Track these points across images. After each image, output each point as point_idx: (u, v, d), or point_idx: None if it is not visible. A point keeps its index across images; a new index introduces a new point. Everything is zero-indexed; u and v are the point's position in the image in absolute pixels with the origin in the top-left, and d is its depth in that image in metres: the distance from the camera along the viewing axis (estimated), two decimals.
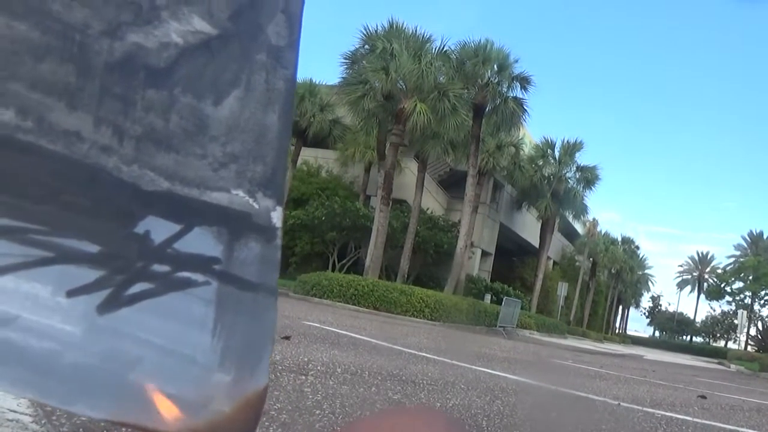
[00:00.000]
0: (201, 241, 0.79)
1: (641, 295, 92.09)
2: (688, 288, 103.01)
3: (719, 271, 77.80)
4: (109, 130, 0.76)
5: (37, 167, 0.73)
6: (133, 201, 0.76)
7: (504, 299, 29.93)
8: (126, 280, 0.74)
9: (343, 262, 34.78)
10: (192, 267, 0.78)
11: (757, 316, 61.89)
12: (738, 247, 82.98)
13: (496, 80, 30.55)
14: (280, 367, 5.06)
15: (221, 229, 0.80)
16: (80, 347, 0.72)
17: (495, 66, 30.45)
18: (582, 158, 45.08)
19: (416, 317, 23.08)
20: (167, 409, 0.72)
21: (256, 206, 0.83)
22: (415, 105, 27.20)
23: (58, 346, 0.71)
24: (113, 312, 0.73)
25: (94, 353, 0.72)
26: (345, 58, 29.57)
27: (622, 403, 6.95)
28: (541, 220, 45.85)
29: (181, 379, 0.75)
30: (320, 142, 38.30)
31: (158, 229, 0.77)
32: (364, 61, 28.98)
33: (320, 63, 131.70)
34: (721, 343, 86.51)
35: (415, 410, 0.43)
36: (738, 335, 66.74)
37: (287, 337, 7.21)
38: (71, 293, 0.72)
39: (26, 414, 2.75)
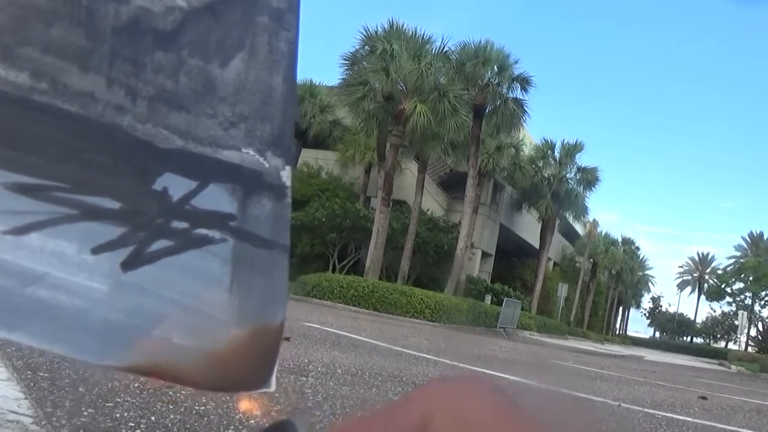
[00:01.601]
0: (216, 198, 0.81)
1: (641, 296, 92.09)
2: (689, 289, 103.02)
3: (719, 271, 77.66)
4: (122, 91, 0.77)
5: (54, 126, 0.75)
6: (149, 158, 0.78)
7: (504, 300, 29.93)
8: (147, 236, 0.76)
9: (344, 263, 34.76)
10: (209, 224, 0.80)
11: (758, 317, 61.84)
12: (738, 247, 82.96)
13: (496, 81, 30.55)
14: (280, 369, 5.05)
15: (235, 186, 0.82)
16: (107, 304, 0.73)
17: (495, 67, 30.45)
18: (582, 159, 45.12)
19: (416, 318, 23.07)
20: (189, 363, 0.75)
21: (267, 165, 0.84)
22: (415, 106, 27.19)
23: (86, 303, 0.73)
24: (136, 269, 0.74)
25: (121, 309, 0.74)
26: (345, 59, 29.59)
27: (622, 404, 6.94)
28: (541, 221, 45.84)
29: (201, 334, 0.77)
30: (320, 143, 38.32)
31: (175, 185, 0.78)
32: (364, 62, 28.99)
33: (320, 64, 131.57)
34: (722, 344, 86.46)
35: (457, 380, 0.44)
36: (738, 336, 66.83)
37: (287, 339, 7.20)
38: (96, 250, 0.74)
39: (27, 415, 2.74)
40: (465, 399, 0.39)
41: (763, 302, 59.21)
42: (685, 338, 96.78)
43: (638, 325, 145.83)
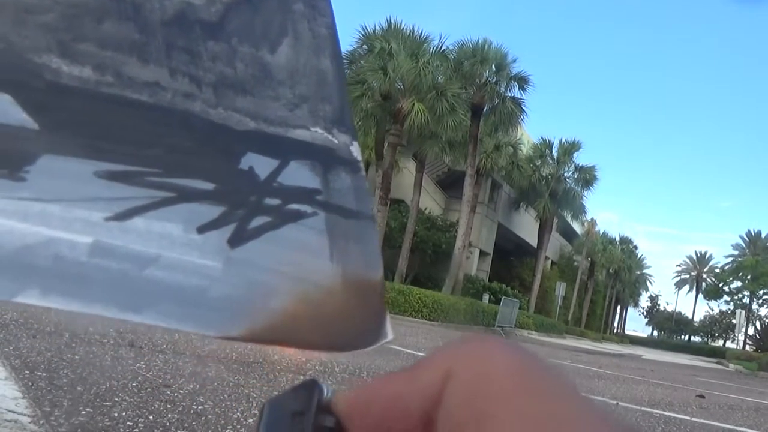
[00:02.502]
0: (300, 174, 0.83)
1: (639, 294, 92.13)
2: (687, 288, 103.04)
3: (717, 270, 77.79)
4: (185, 79, 0.80)
5: (130, 116, 0.77)
6: (228, 140, 0.81)
7: (502, 299, 29.95)
8: (246, 214, 0.79)
9: None
10: (298, 199, 0.82)
11: (756, 315, 61.95)
12: (736, 246, 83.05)
13: (494, 80, 30.55)
14: (278, 367, 5.06)
15: (314, 162, 0.84)
16: (223, 280, 0.76)
17: (493, 66, 30.45)
18: (580, 158, 45.21)
19: (414, 317, 23.07)
20: (308, 329, 0.78)
21: (336, 141, 0.86)
22: (413, 105, 27.19)
23: (204, 280, 0.75)
24: (243, 245, 0.77)
25: (237, 284, 0.76)
26: (343, 58, 29.59)
27: (620, 403, 6.95)
28: (539, 220, 45.86)
29: (314, 300, 0.79)
30: None
31: (259, 164, 0.81)
32: (362, 61, 28.99)
33: None
34: (720, 343, 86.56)
35: (480, 339, 0.43)
36: (736, 335, 66.75)
37: None
38: (201, 229, 0.77)
39: (25, 414, 2.74)
40: (488, 356, 0.39)
41: (761, 301, 59.35)
42: (683, 337, 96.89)
43: (636, 323, 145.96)
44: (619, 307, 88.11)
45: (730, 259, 76.11)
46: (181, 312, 0.74)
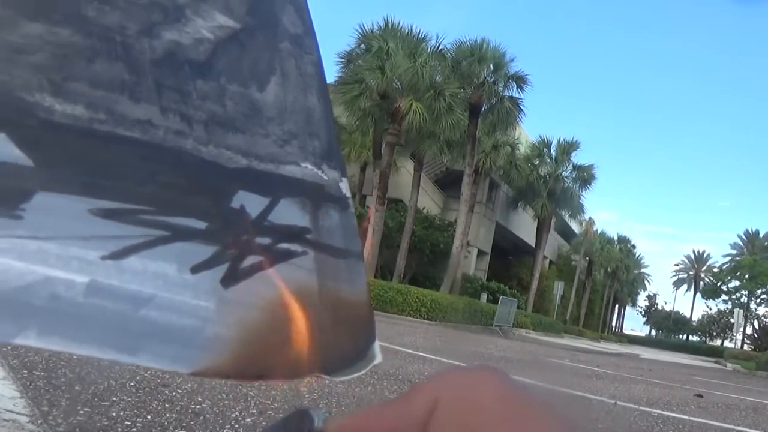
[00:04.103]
0: (290, 212, 0.87)
1: (638, 294, 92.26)
2: (685, 287, 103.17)
3: (715, 269, 77.88)
4: (176, 117, 0.82)
5: (123, 152, 0.79)
6: (220, 177, 0.84)
7: (500, 298, 29.95)
8: (238, 254, 0.82)
9: None
10: (289, 238, 0.85)
11: (754, 314, 61.99)
12: (734, 245, 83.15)
13: (492, 79, 30.56)
14: None
15: (303, 199, 0.88)
16: (216, 320, 0.78)
17: (491, 65, 30.47)
18: (578, 157, 45.15)
19: (412, 317, 23.09)
20: (303, 360, 0.84)
21: (325, 177, 0.91)
22: (411, 104, 27.18)
23: (197, 321, 0.77)
24: (236, 285, 0.80)
25: (230, 325, 0.79)
26: (341, 58, 29.56)
27: (618, 402, 6.95)
28: (537, 220, 45.90)
29: (305, 338, 0.83)
30: None
31: (250, 202, 0.84)
32: (359, 61, 28.98)
33: None
34: (718, 342, 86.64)
35: (467, 370, 0.45)
36: (734, 334, 66.80)
37: None
38: (195, 269, 0.79)
39: (23, 414, 2.74)
40: (474, 387, 0.40)
41: (759, 300, 59.37)
42: (681, 336, 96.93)
43: (634, 323, 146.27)
44: (617, 306, 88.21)
45: (728, 259, 76.30)
46: (174, 353, 0.76)
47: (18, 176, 0.75)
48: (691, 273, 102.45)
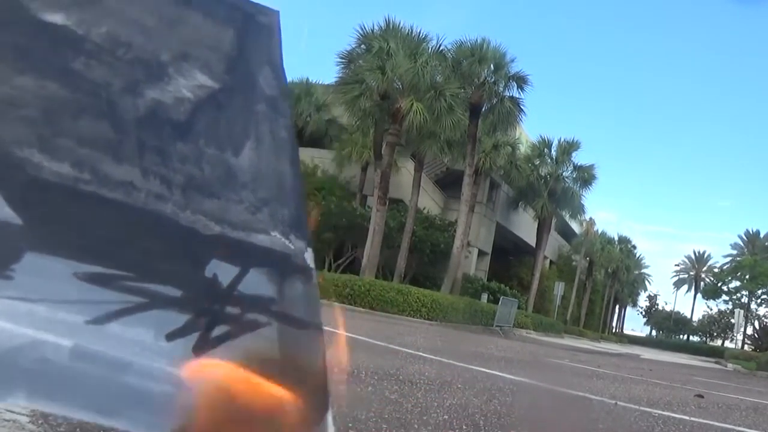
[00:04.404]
0: (258, 282, 0.92)
1: (638, 294, 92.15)
2: (685, 287, 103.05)
3: (716, 270, 77.73)
4: (157, 180, 0.88)
5: (108, 215, 0.85)
6: (196, 244, 0.89)
7: (501, 299, 29.97)
8: (210, 322, 0.88)
9: (340, 261, 34.77)
10: (255, 308, 0.91)
11: (754, 315, 61.91)
12: (734, 246, 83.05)
13: (493, 80, 30.55)
14: None
15: (271, 270, 0.94)
16: (188, 388, 0.84)
17: (491, 65, 30.46)
18: (579, 158, 45.09)
19: (413, 317, 23.09)
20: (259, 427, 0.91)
21: (292, 247, 0.96)
22: (412, 104, 27.16)
23: (171, 387, 0.84)
24: (206, 353, 0.86)
25: (201, 392, 0.85)
26: (341, 58, 29.52)
27: (619, 402, 6.95)
28: (537, 220, 45.87)
29: (265, 408, 0.89)
30: (316, 141, 38.29)
31: (222, 271, 0.90)
32: (360, 61, 28.94)
33: (316, 62, 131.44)
34: (718, 342, 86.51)
35: None
36: (735, 334, 66.69)
37: None
38: (170, 337, 0.85)
39: (23, 414, 2.74)
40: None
41: (759, 300, 59.32)
42: (681, 336, 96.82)
43: (635, 323, 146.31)
44: (617, 306, 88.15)
45: (728, 259, 76.16)
46: (149, 419, 0.82)
47: (8, 235, 0.79)
48: (691, 273, 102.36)
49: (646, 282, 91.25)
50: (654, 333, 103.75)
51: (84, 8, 0.83)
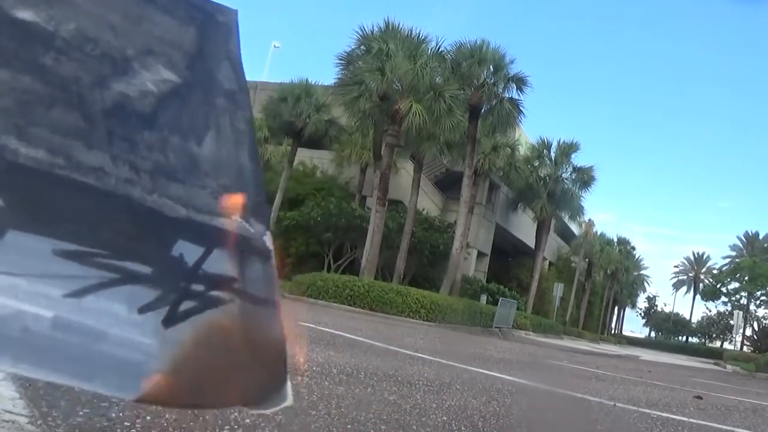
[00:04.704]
0: (220, 263, 1.00)
1: (637, 295, 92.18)
2: (684, 288, 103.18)
3: (715, 271, 77.86)
4: (125, 166, 0.95)
5: (82, 198, 0.91)
6: (163, 226, 0.96)
7: (500, 300, 29.97)
8: (177, 298, 0.95)
9: (339, 262, 34.79)
10: (219, 286, 0.99)
11: (753, 316, 61.96)
12: (734, 247, 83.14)
13: (492, 81, 30.58)
14: None
15: (233, 252, 1.01)
16: (158, 357, 0.92)
17: (491, 67, 30.49)
18: (578, 159, 45.16)
19: (412, 318, 23.10)
20: (221, 393, 1.01)
21: (252, 230, 1.04)
22: (411, 106, 27.17)
23: (143, 356, 0.92)
24: (175, 326, 0.94)
25: (169, 360, 0.93)
26: (340, 59, 29.53)
27: (618, 404, 6.95)
28: (536, 221, 45.90)
29: (228, 375, 0.99)
30: (316, 142, 38.28)
31: (188, 251, 0.98)
32: (359, 62, 28.94)
33: (316, 63, 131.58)
34: (717, 344, 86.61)
35: None
36: (734, 336, 66.79)
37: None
38: (141, 310, 0.92)
39: (22, 415, 2.74)
40: None
41: (758, 302, 59.34)
42: (680, 338, 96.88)
43: (634, 324, 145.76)
44: (616, 307, 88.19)
45: (727, 260, 76.21)
46: (122, 382, 0.90)
47: None
48: (690, 275, 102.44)
49: (646, 283, 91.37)
50: (653, 334, 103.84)
51: (53, 5, 0.87)
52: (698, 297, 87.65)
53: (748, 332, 62.37)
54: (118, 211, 0.89)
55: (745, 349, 57.61)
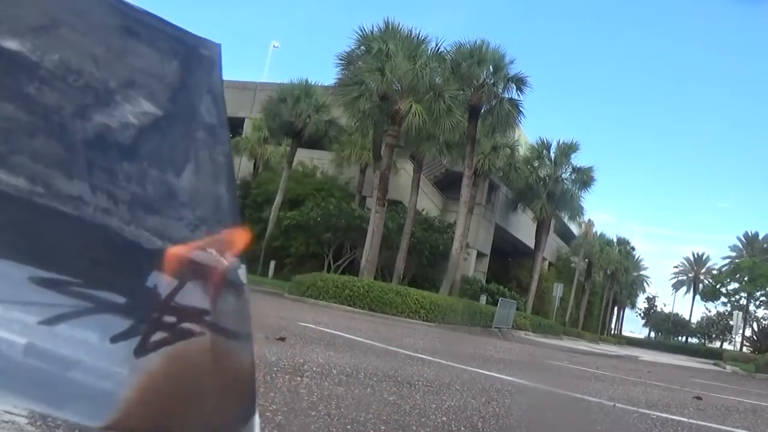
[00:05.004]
0: (193, 295, 1.01)
1: (637, 296, 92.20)
2: (684, 289, 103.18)
3: (714, 272, 77.91)
4: (104, 196, 0.95)
5: (60, 226, 0.92)
6: (139, 257, 0.97)
7: (500, 300, 29.96)
8: (149, 329, 0.97)
9: (339, 263, 34.80)
10: (191, 318, 1.00)
11: (753, 317, 61.97)
12: (733, 248, 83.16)
13: (492, 81, 30.58)
14: (275, 369, 5.05)
15: (206, 284, 1.02)
16: (128, 385, 0.93)
17: (490, 67, 30.50)
18: (578, 159, 45.16)
19: (412, 318, 23.08)
20: (190, 427, 1.01)
21: (226, 263, 1.05)
22: (411, 106, 27.16)
23: (113, 385, 0.93)
24: (145, 356, 0.95)
25: (139, 389, 0.94)
26: (340, 59, 29.52)
27: (617, 404, 6.95)
28: (536, 221, 45.90)
29: (197, 407, 0.99)
30: (316, 143, 38.31)
31: (162, 283, 0.98)
32: (359, 62, 28.92)
33: (315, 64, 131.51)
34: (717, 344, 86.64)
35: None
36: (733, 336, 66.91)
37: (282, 339, 7.19)
38: (114, 339, 0.93)
39: (22, 416, 2.73)
40: None
41: (758, 302, 59.36)
42: (680, 338, 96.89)
43: (633, 325, 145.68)
44: (616, 308, 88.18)
45: (727, 261, 76.25)
46: (93, 411, 0.92)
47: None
48: (690, 275, 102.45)
49: (645, 283, 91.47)
50: (653, 335, 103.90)
51: (39, 36, 0.88)
52: (698, 297, 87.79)
53: (748, 333, 62.44)
54: (95, 241, 0.91)
55: (744, 349, 57.64)
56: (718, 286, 60.45)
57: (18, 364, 0.83)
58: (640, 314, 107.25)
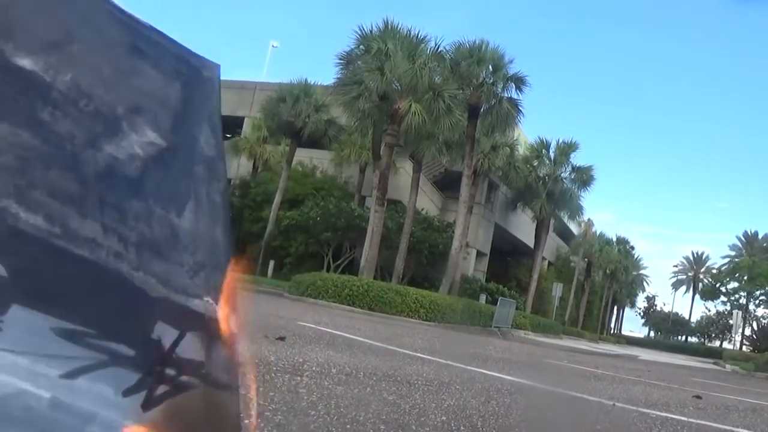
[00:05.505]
0: (191, 347, 1.01)
1: (636, 295, 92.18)
2: (683, 288, 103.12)
3: (714, 271, 77.75)
4: (114, 237, 0.93)
5: (76, 271, 0.91)
6: (146, 306, 0.96)
7: (499, 299, 29.94)
8: (155, 382, 0.96)
9: (338, 262, 34.79)
10: (189, 370, 1.00)
11: (752, 316, 61.99)
12: (733, 247, 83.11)
13: (491, 81, 30.56)
14: (275, 368, 5.05)
15: (202, 335, 1.02)
16: None
17: (490, 66, 30.48)
18: (577, 159, 45.16)
19: (411, 318, 23.07)
20: None
21: (222, 313, 1.04)
22: (410, 105, 27.15)
23: None
24: (152, 410, 0.95)
25: None
26: (340, 59, 29.51)
27: (617, 404, 6.95)
28: (536, 221, 45.89)
29: None
30: (315, 142, 38.28)
31: (166, 334, 0.98)
32: (359, 62, 28.91)
33: (315, 63, 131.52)
34: (716, 344, 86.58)
35: None
36: (733, 335, 66.85)
37: (282, 338, 7.19)
38: (126, 393, 0.93)
39: None
40: None
41: (757, 301, 59.35)
42: (679, 337, 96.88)
43: (633, 324, 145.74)
44: (615, 307, 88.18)
45: (726, 260, 76.18)
46: None
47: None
48: (689, 274, 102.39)
49: (645, 283, 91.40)
50: (652, 334, 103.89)
51: (50, 54, 0.85)
52: (697, 297, 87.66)
53: (747, 332, 62.45)
54: (108, 288, 0.90)
55: (744, 348, 57.62)
56: (717, 286, 60.47)
57: (44, 419, 0.82)
58: (639, 313, 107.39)
